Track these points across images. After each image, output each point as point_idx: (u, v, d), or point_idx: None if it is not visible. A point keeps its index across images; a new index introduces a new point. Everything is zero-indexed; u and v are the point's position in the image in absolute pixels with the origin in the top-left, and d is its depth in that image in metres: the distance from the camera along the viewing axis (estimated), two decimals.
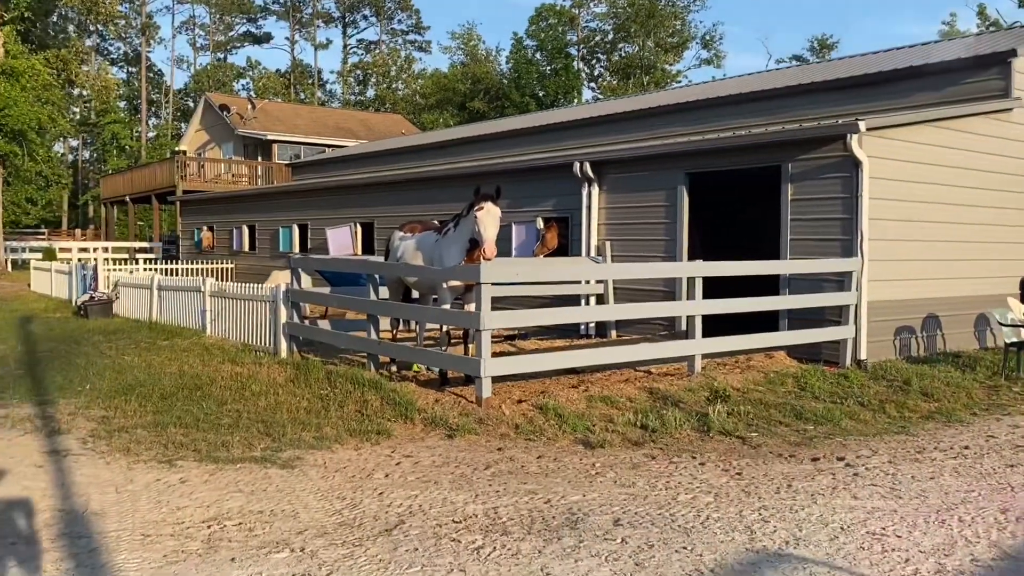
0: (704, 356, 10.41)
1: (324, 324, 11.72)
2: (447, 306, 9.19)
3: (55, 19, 45.08)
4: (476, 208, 8.68)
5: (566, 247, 16.07)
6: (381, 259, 11.12)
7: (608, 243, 15.08)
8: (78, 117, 75.00)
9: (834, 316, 11.69)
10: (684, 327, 14.03)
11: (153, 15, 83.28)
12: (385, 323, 10.79)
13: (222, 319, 13.72)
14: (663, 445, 7.40)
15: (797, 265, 11.50)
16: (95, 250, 35.56)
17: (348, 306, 10.43)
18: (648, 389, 9.20)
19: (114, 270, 27.73)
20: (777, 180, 12.61)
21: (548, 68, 59.46)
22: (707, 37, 61.10)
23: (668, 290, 13.95)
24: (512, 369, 8.48)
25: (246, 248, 27.48)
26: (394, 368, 10.42)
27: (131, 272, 27.11)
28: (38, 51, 30.31)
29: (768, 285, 12.42)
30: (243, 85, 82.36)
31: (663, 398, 8.91)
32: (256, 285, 12.54)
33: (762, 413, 8.55)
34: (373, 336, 9.82)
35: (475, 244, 8.96)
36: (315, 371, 10.10)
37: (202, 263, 28.25)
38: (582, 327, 15.36)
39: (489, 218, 8.60)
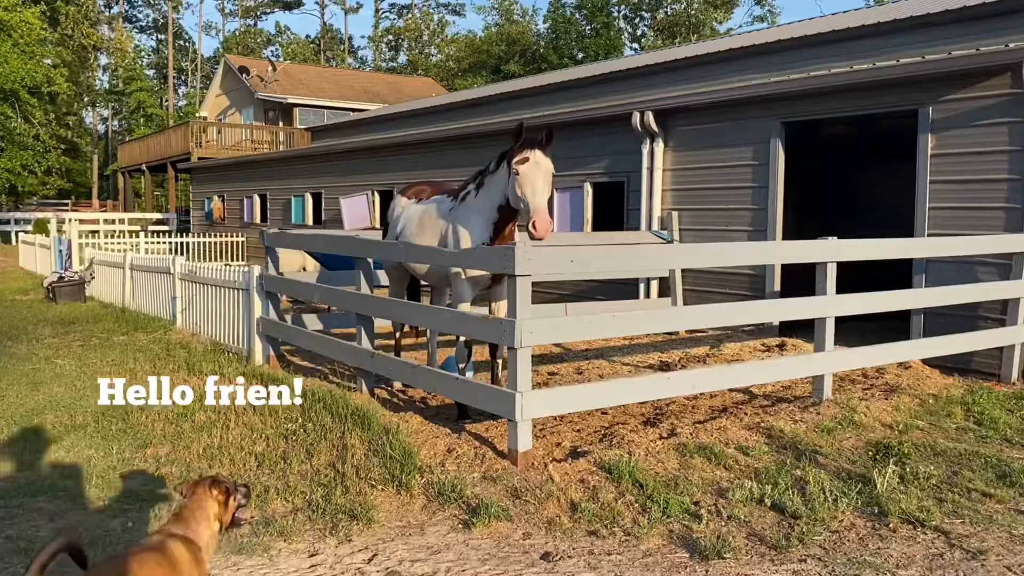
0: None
1: (311, 319, 8.89)
2: (467, 305, 6.29)
3: None
4: (515, 159, 5.78)
5: (619, 218, 13.09)
6: (376, 235, 8.23)
7: (675, 214, 12.05)
8: (106, 86, 73.31)
9: (990, 313, 8.63)
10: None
11: None
12: (388, 321, 7.94)
13: (193, 308, 10.97)
14: (819, 549, 4.45)
15: (978, 244, 8.33)
16: (97, 222, 33.26)
17: (332, 300, 7.60)
18: (762, 428, 6.23)
19: (112, 245, 25.31)
20: (904, 133, 9.50)
21: (588, 28, 55.84)
22: None
23: (755, 273, 10.91)
24: (564, 407, 5.54)
25: (257, 219, 24.84)
26: (397, 383, 7.59)
27: (134, 248, 24.63)
28: (35, 4, 27.85)
29: (889, 273, 9.38)
30: (272, 52, 79.71)
31: (791, 446, 5.93)
32: (236, 268, 9.74)
33: (948, 474, 5.55)
34: (364, 345, 6.96)
35: (508, 214, 6.06)
36: (288, 391, 7.29)
37: (212, 236, 25.65)
38: None
39: (537, 175, 5.72)
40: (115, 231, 31.76)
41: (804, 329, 10.68)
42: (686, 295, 11.96)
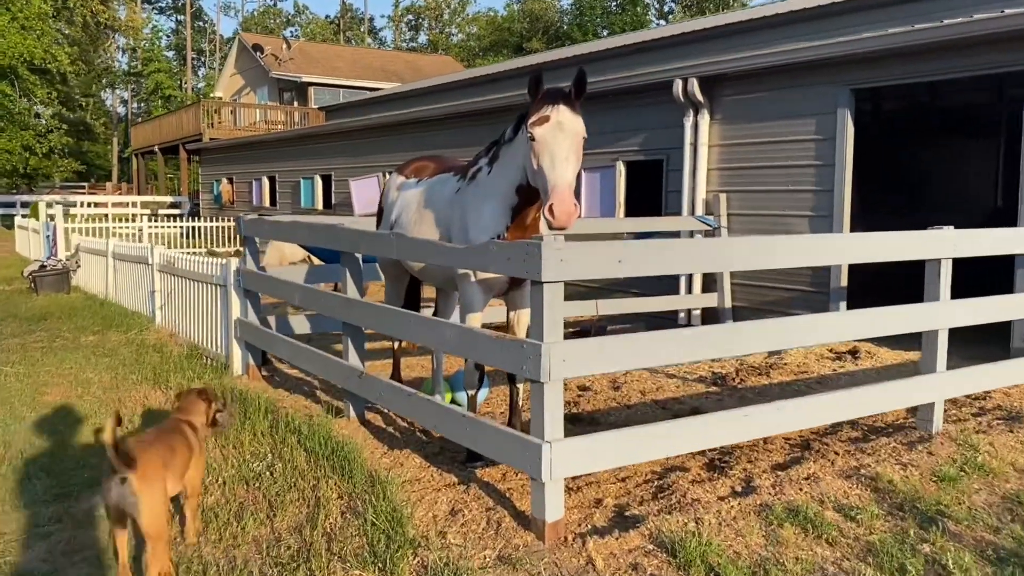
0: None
1: (298, 321, 7.50)
2: (477, 317, 4.85)
3: None
4: (532, 119, 4.31)
5: (656, 202, 11.59)
6: (366, 223, 6.77)
7: (722, 196, 10.54)
8: (125, 68, 72.58)
9: None
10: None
11: None
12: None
13: (172, 304, 9.63)
14: None
15: None
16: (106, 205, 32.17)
17: (313, 304, 6.17)
18: (863, 477, 4.76)
19: (120, 230, 24.15)
20: (1001, 102, 7.91)
21: (613, 4, 53.91)
22: None
23: (818, 268, 9.39)
24: (608, 459, 4.06)
25: (266, 203, 23.55)
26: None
27: (138, 233, 23.45)
28: None
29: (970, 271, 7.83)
30: (291, 32, 78.47)
31: (908, 505, 4.46)
32: (215, 260, 8.36)
33: None
34: (352, 361, 5.55)
35: (530, 196, 4.60)
36: (257, 415, 5.91)
37: (222, 220, 24.41)
38: (681, 315, 10.94)
39: (558, 139, 4.23)
40: (124, 215, 30.68)
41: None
42: (735, 289, 10.47)
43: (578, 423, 6.13)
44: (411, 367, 7.94)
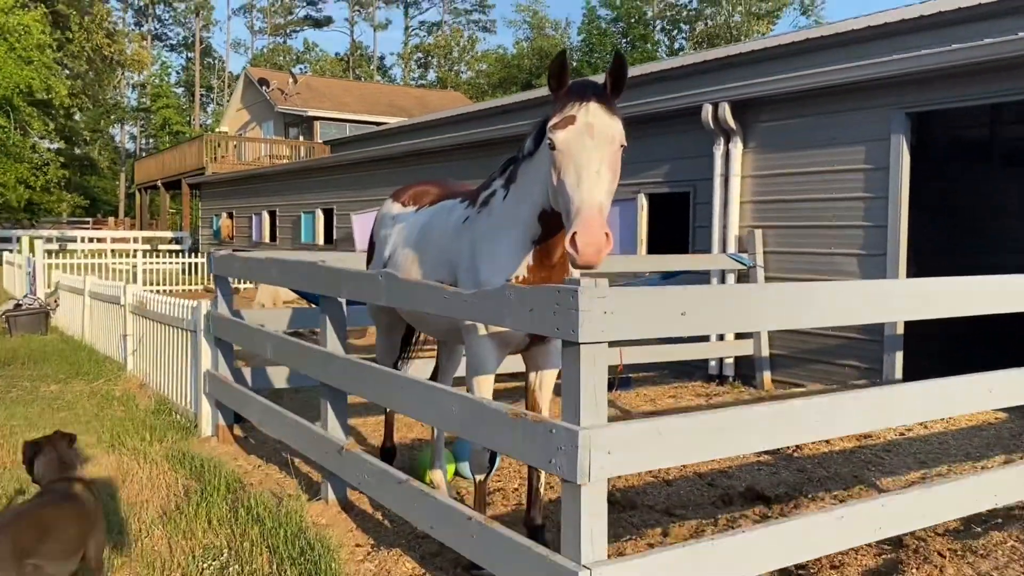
0: None
1: (278, 371, 6.44)
2: (487, 382, 3.79)
3: None
4: (555, 123, 3.31)
5: (683, 238, 10.57)
6: (355, 260, 5.69)
7: (757, 232, 9.52)
8: (134, 104, 72.71)
9: None
10: (896, 371, 8.41)
11: None
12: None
13: (144, 350, 8.59)
14: None
15: None
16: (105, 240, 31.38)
17: (286, 358, 5.11)
18: None
19: (117, 265, 23.28)
20: None
21: (624, 41, 53.50)
22: (806, 2, 54.18)
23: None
24: None
25: (266, 238, 22.65)
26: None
27: (132, 269, 22.54)
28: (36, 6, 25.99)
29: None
30: (300, 69, 78.45)
31: None
32: (184, 303, 7.32)
33: None
34: (331, 432, 4.48)
35: (556, 224, 3.53)
36: (216, 494, 4.83)
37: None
38: (712, 364, 9.84)
39: (586, 145, 3.23)
40: (124, 251, 29.86)
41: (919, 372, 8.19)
42: (773, 336, 9.39)
43: (609, 504, 5.03)
44: (410, 425, 6.86)
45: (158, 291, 22.82)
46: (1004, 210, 10.46)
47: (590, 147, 3.18)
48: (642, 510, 4.89)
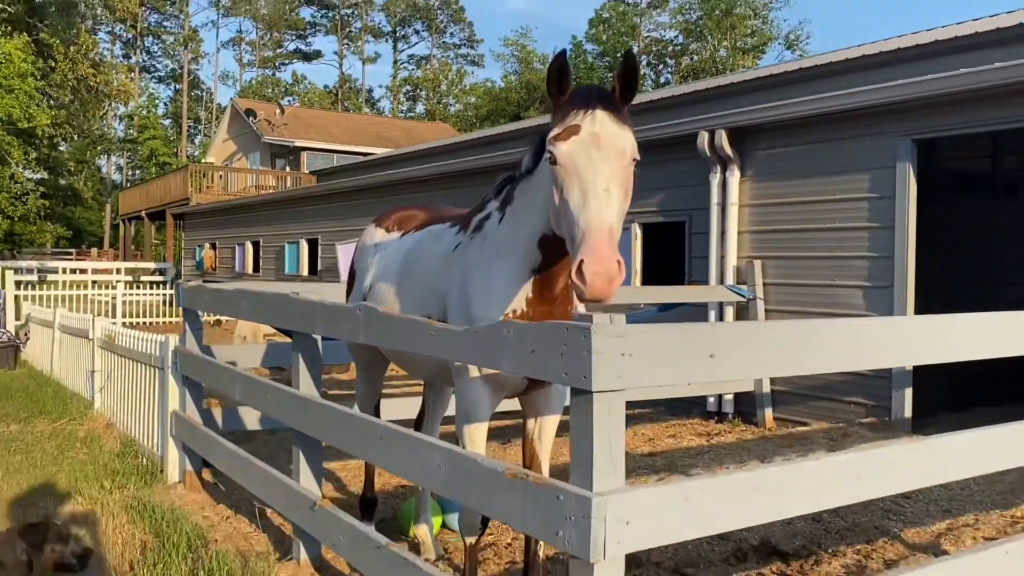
0: None
1: (249, 414, 5.97)
2: (480, 431, 3.34)
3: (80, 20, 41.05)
4: (557, 134, 2.84)
5: (679, 268, 10.20)
6: (334, 291, 5.25)
7: (757, 263, 9.16)
8: (121, 135, 72.43)
9: None
10: (906, 409, 8.01)
11: (198, 29, 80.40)
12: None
13: (112, 387, 8.10)
14: None
15: None
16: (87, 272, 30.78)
17: (255, 400, 4.63)
18: None
19: (97, 297, 22.73)
20: None
21: (610, 75, 53.74)
22: (791, 37, 54.69)
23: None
24: None
25: (249, 269, 22.17)
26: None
27: (112, 301, 21.96)
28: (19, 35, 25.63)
29: None
30: (288, 101, 78.38)
31: None
32: (152, 337, 6.84)
33: None
34: (303, 484, 4.02)
35: (559, 251, 3.10)
36: (175, 554, 4.34)
37: None
38: (711, 400, 9.41)
39: (597, 159, 2.77)
40: (107, 282, 29.26)
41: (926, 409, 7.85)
42: (771, 320, 8.98)
43: None
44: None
45: (138, 323, 22.32)
46: (1005, 241, 10.15)
47: (597, 161, 2.75)
48: (648, 568, 4.44)
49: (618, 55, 55.23)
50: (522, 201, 3.27)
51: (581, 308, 3.41)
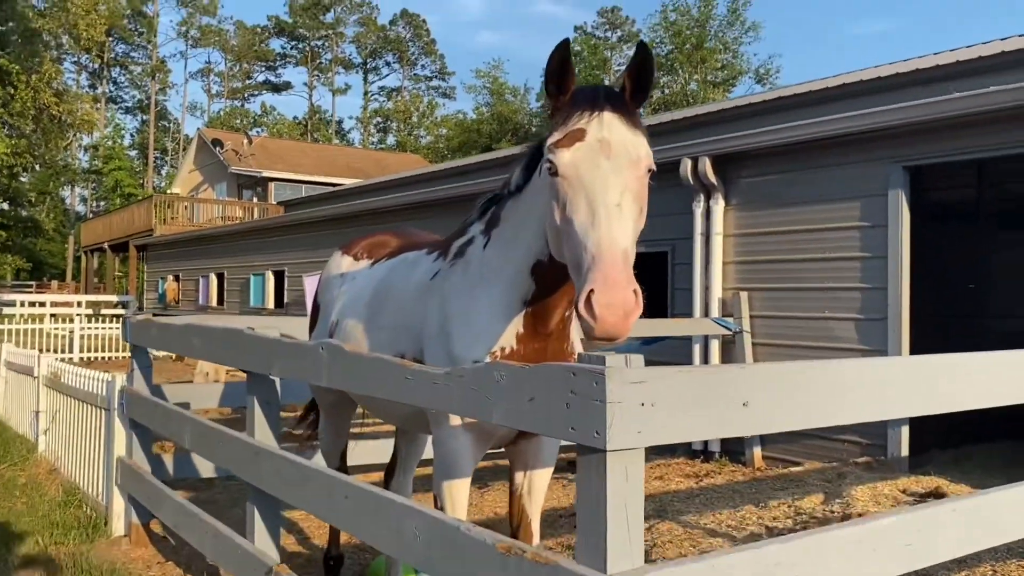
0: None
1: (204, 460, 5.43)
2: (463, 487, 2.87)
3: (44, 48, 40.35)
4: (558, 140, 2.40)
5: (661, 301, 9.82)
6: (294, 325, 4.76)
7: (743, 295, 8.82)
8: (86, 165, 71.34)
9: None
10: (903, 448, 7.65)
11: (166, 60, 79.84)
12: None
13: (57, 429, 7.50)
14: None
15: None
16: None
17: (207, 450, 4.13)
18: None
19: (55, 330, 21.93)
20: None
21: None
22: (761, 70, 55.32)
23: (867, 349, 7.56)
24: None
25: (213, 302, 21.50)
26: None
27: (69, 335, 21.18)
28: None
29: None
30: (257, 132, 77.75)
31: None
32: (99, 376, 6.28)
33: None
34: (259, 545, 3.52)
35: (554, 279, 2.68)
36: None
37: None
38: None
39: (607, 169, 2.34)
40: (67, 315, 28.34)
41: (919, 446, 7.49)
42: (758, 353, 8.63)
43: None
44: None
45: (96, 359, 21.53)
46: (993, 272, 9.92)
47: (607, 171, 2.33)
48: None
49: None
50: (511, 222, 2.84)
51: (578, 345, 2.98)
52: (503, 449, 3.15)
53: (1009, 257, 9.96)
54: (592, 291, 2.17)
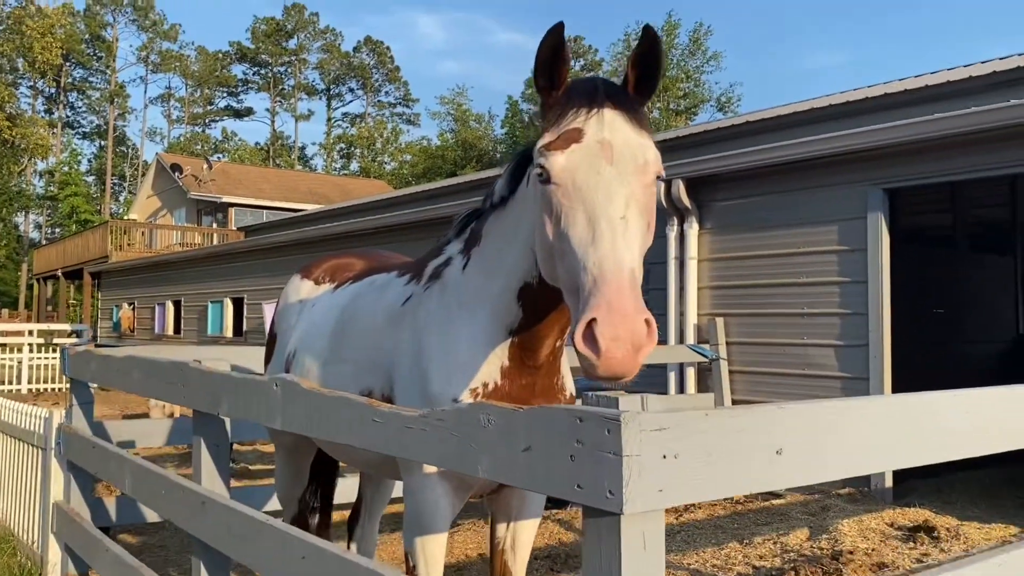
0: None
1: (149, 509, 4.96)
2: (439, 543, 2.51)
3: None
4: (550, 142, 2.04)
5: None
6: (246, 356, 4.35)
7: (719, 321, 8.58)
8: (42, 191, 69.79)
9: None
10: (887, 479, 7.41)
11: (125, 85, 78.64)
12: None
13: None
14: None
15: None
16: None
17: (148, 497, 3.71)
18: None
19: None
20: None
21: None
22: (722, 99, 55.92)
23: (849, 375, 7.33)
24: None
25: (169, 330, 20.83)
26: None
27: (16, 365, 20.35)
28: None
29: None
30: (219, 158, 76.65)
31: None
32: (34, 410, 5.78)
33: None
34: None
35: (545, 304, 2.34)
36: None
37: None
38: None
39: (609, 175, 1.99)
40: (16, 344, 27.35)
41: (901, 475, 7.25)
42: (735, 381, 8.38)
43: None
44: None
45: (46, 390, 20.70)
46: (969, 296, 9.80)
47: (609, 178, 2.00)
48: None
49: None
50: (494, 239, 2.49)
51: (569, 380, 2.64)
52: (482, 498, 2.79)
53: (975, 282, 9.87)
54: (594, 320, 1.82)
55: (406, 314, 2.68)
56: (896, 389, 7.30)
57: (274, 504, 5.20)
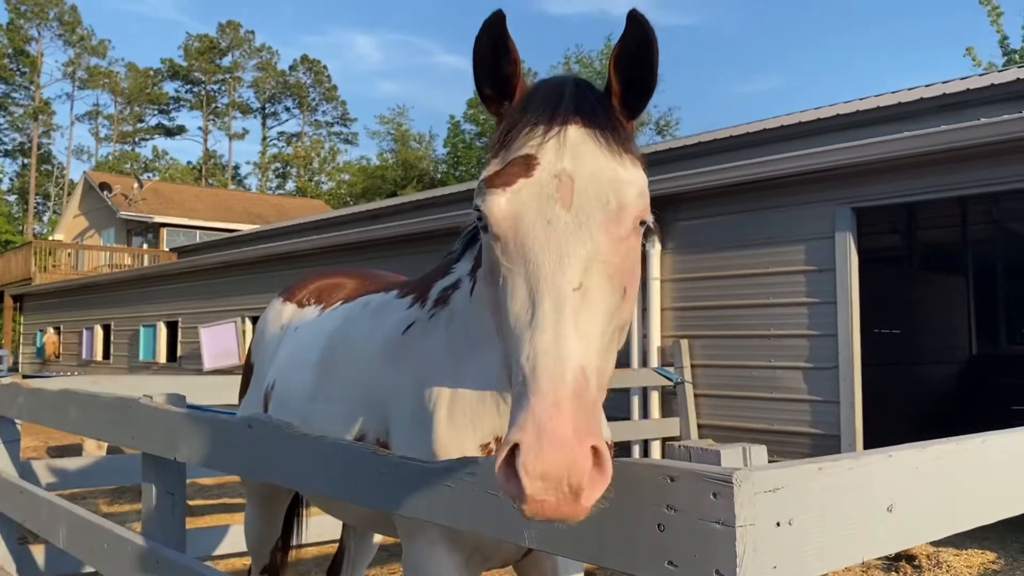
0: None
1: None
2: None
3: None
4: (491, 174, 1.53)
5: None
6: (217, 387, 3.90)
7: (683, 343, 8.37)
8: None
9: None
10: None
11: (50, 101, 76.05)
12: None
13: None
14: None
15: None
16: None
17: (84, 551, 3.26)
18: None
19: None
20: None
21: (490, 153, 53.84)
22: (661, 122, 56.60)
23: (817, 398, 7.21)
24: None
25: (98, 356, 19.84)
26: None
27: None
28: None
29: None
30: (149, 177, 74.54)
31: None
32: None
33: None
34: None
35: None
36: None
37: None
38: (635, 446, 8.39)
39: (561, 227, 1.46)
40: None
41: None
42: (700, 404, 8.17)
43: None
44: None
45: None
46: (924, 316, 9.82)
47: (563, 230, 1.47)
48: None
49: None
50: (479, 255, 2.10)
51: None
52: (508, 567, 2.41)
53: (930, 302, 9.90)
54: (516, 446, 1.28)
55: (407, 346, 2.26)
56: (866, 414, 7.18)
57: (226, 547, 4.73)
